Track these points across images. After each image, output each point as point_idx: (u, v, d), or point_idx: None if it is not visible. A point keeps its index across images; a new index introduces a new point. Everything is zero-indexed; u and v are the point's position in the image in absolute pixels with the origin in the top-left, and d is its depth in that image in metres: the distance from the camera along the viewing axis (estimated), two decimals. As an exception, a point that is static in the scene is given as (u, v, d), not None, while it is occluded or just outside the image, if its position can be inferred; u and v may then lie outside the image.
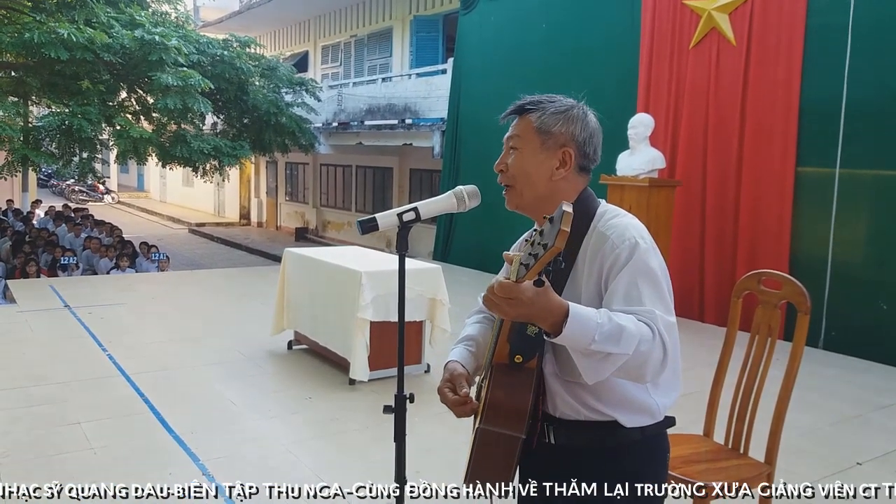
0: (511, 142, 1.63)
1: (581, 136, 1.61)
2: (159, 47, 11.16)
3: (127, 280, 9.55)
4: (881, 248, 6.11)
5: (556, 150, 1.60)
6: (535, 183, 1.60)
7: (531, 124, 1.61)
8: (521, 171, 1.60)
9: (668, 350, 1.42)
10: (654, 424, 1.60)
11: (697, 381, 3.99)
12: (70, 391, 4.67)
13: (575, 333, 1.34)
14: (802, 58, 6.41)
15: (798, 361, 2.49)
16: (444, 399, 1.64)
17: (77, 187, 28.35)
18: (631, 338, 1.36)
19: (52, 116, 11.37)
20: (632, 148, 6.75)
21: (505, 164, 1.63)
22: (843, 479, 3.65)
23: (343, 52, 18.27)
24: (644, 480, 1.61)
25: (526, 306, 1.31)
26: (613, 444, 1.58)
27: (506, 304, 1.32)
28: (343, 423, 4.30)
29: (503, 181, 1.63)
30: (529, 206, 1.63)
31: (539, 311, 1.33)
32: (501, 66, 9.80)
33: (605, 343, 1.35)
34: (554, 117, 1.60)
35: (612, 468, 1.59)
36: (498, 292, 1.31)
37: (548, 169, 1.60)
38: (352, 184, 18.47)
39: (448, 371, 1.67)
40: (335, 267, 5.19)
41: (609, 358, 1.37)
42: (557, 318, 1.34)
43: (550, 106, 1.62)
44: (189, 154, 12.11)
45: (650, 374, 1.43)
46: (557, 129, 1.60)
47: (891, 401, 4.90)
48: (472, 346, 1.76)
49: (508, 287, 1.30)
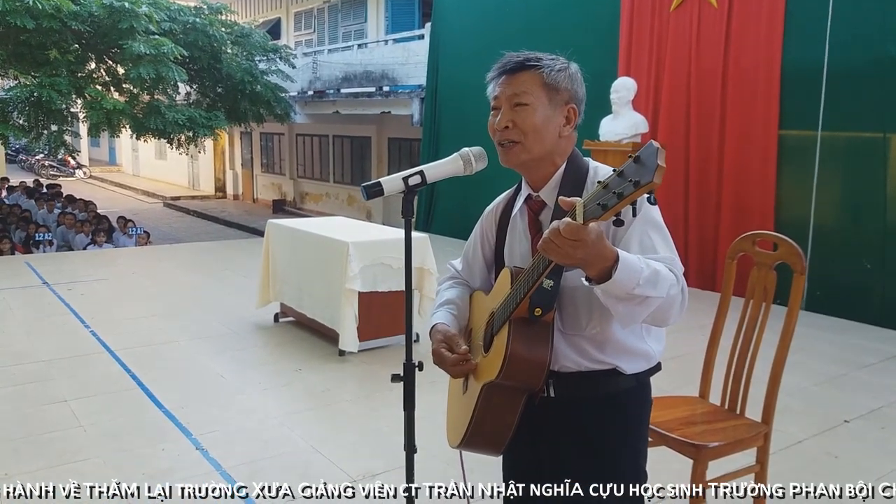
0: (517, 98, 1.58)
1: (580, 95, 1.64)
2: (129, 14, 10.83)
3: (105, 255, 9.40)
4: (861, 209, 6.18)
5: (562, 106, 1.60)
6: (545, 139, 1.59)
7: (541, 80, 1.58)
8: (533, 127, 1.58)
9: (685, 294, 1.47)
10: (647, 370, 1.66)
11: (686, 343, 4.05)
12: (55, 369, 4.59)
13: (623, 279, 1.34)
14: (784, 20, 6.40)
15: (794, 321, 2.50)
16: (442, 359, 1.65)
17: (47, 162, 27.70)
18: (665, 281, 1.40)
19: (19, 88, 11.02)
20: (614, 112, 6.72)
21: (511, 121, 1.59)
22: (831, 436, 3.72)
23: (316, 19, 17.93)
24: (638, 423, 1.69)
25: (587, 249, 1.29)
26: (610, 392, 1.62)
27: (569, 247, 1.29)
28: (335, 394, 4.28)
29: (507, 137, 1.60)
30: (531, 163, 1.62)
31: (596, 256, 1.32)
32: (480, 30, 9.66)
33: (646, 287, 1.37)
34: (560, 74, 1.60)
35: (609, 417, 1.63)
36: (565, 234, 1.28)
37: (556, 125, 1.60)
38: (329, 154, 18.26)
39: (440, 332, 1.70)
40: (321, 238, 5.14)
41: (646, 301, 1.39)
42: (608, 263, 1.34)
43: (553, 63, 1.60)
44: (164, 125, 11.84)
45: (674, 317, 1.47)
46: (563, 86, 1.60)
47: (874, 359, 5.00)
48: (453, 309, 1.80)
49: (576, 228, 1.27)
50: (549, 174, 1.63)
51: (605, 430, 1.63)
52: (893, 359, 5.04)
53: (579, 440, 1.63)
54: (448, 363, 1.64)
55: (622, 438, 1.65)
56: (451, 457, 3.08)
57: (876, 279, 5.98)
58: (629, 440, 1.67)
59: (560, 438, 1.66)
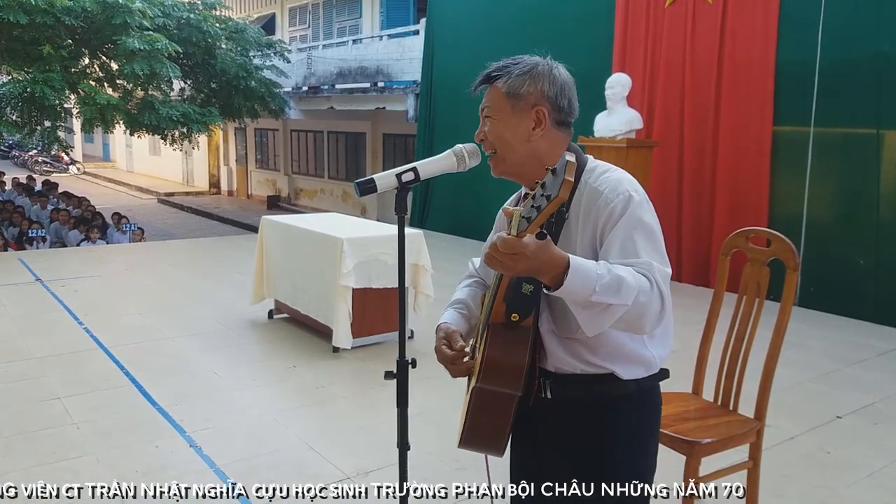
0: (484, 111, 1.63)
1: (551, 92, 1.60)
2: (123, 10, 10.81)
3: (99, 252, 9.36)
4: (855, 205, 6.19)
5: (528, 110, 1.59)
6: (514, 147, 1.59)
7: (499, 91, 1.60)
8: (498, 139, 1.60)
9: (665, 301, 1.43)
10: (649, 377, 1.62)
11: (679, 339, 4.04)
12: (48, 366, 4.58)
13: (576, 285, 1.33)
14: (778, 16, 6.41)
15: (787, 317, 2.51)
16: (442, 356, 1.65)
17: (41, 158, 27.61)
18: (630, 289, 1.36)
19: (12, 84, 10.99)
20: (609, 108, 6.72)
21: (483, 133, 1.63)
22: (824, 432, 3.73)
23: (311, 14, 17.88)
24: (640, 433, 1.65)
25: (529, 260, 1.30)
26: (610, 397, 1.60)
27: (509, 260, 1.30)
28: (329, 390, 4.28)
29: (486, 149, 1.64)
30: (514, 171, 1.63)
31: (541, 265, 1.32)
32: (475, 26, 9.66)
33: (605, 294, 1.34)
34: (520, 79, 1.59)
35: (609, 421, 1.61)
36: (501, 248, 1.29)
37: (524, 131, 1.59)
38: (324, 150, 18.22)
39: (442, 330, 1.69)
40: (315, 234, 5.13)
41: (609, 309, 1.37)
42: (558, 270, 1.33)
43: (515, 68, 1.60)
44: (158, 121, 11.82)
45: (649, 325, 1.44)
46: (525, 90, 1.58)
47: (867, 355, 5.02)
48: (462, 308, 1.79)
49: (511, 242, 1.28)
50: (539, 176, 1.63)
51: (602, 434, 1.61)
52: (886, 355, 5.06)
53: (576, 442, 1.62)
54: (447, 359, 1.63)
55: (621, 443, 1.62)
56: (445, 454, 3.08)
57: (869, 275, 6.00)
58: (628, 445, 1.63)
59: (557, 440, 1.65)
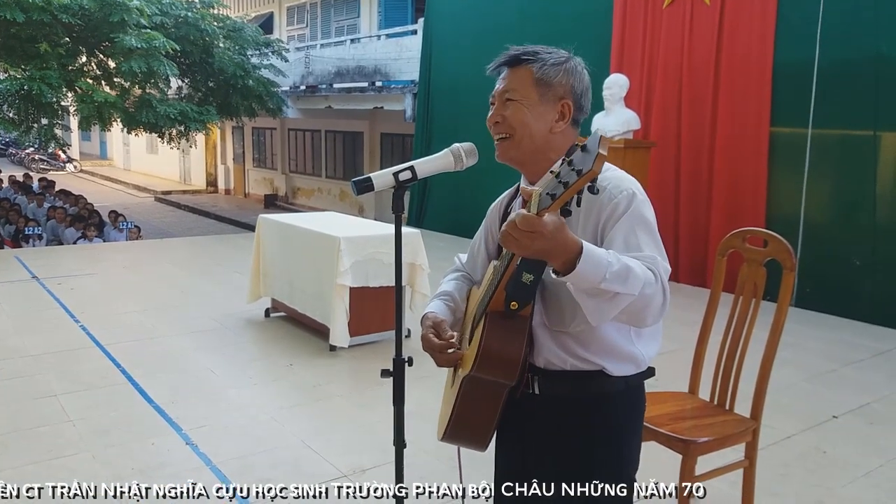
0: (507, 94, 1.58)
1: (579, 88, 1.60)
2: (120, 8, 10.78)
3: (96, 250, 9.35)
4: (851, 206, 6.21)
5: (556, 102, 1.57)
6: (535, 135, 1.57)
7: (531, 76, 1.57)
8: (521, 123, 1.57)
9: (667, 296, 1.43)
10: (637, 374, 1.62)
11: (676, 339, 4.05)
12: (44, 363, 4.57)
13: (587, 271, 1.31)
14: (776, 18, 6.42)
15: (784, 317, 2.51)
16: (429, 344, 1.63)
17: (37, 156, 27.56)
18: (637, 279, 1.35)
19: (9, 81, 10.95)
20: (607, 109, 6.72)
21: (501, 116, 1.58)
22: (820, 432, 3.74)
23: (309, 13, 17.87)
24: (626, 431, 1.65)
25: (546, 240, 1.27)
26: (597, 394, 1.59)
27: (527, 238, 1.26)
28: (326, 389, 4.28)
29: (499, 132, 1.59)
30: (523, 159, 1.60)
31: (556, 246, 1.29)
32: (473, 26, 9.65)
33: (614, 282, 1.33)
34: (554, 69, 1.57)
35: (595, 419, 1.61)
36: (521, 225, 1.25)
37: (548, 122, 1.57)
38: (321, 149, 18.22)
39: (429, 320, 1.68)
40: (312, 233, 5.12)
41: (616, 298, 1.35)
42: (572, 254, 1.31)
43: (549, 57, 1.58)
44: (155, 119, 11.80)
45: (651, 318, 1.43)
46: (557, 81, 1.57)
47: (863, 356, 5.03)
48: (448, 300, 1.78)
49: (531, 219, 1.25)
50: (544, 170, 1.61)
51: (588, 432, 1.61)
52: (882, 355, 5.07)
53: (562, 440, 1.62)
54: (435, 349, 1.62)
55: (606, 441, 1.62)
56: (441, 452, 3.08)
57: (865, 276, 6.01)
58: (614, 444, 1.63)
59: (544, 437, 1.64)
